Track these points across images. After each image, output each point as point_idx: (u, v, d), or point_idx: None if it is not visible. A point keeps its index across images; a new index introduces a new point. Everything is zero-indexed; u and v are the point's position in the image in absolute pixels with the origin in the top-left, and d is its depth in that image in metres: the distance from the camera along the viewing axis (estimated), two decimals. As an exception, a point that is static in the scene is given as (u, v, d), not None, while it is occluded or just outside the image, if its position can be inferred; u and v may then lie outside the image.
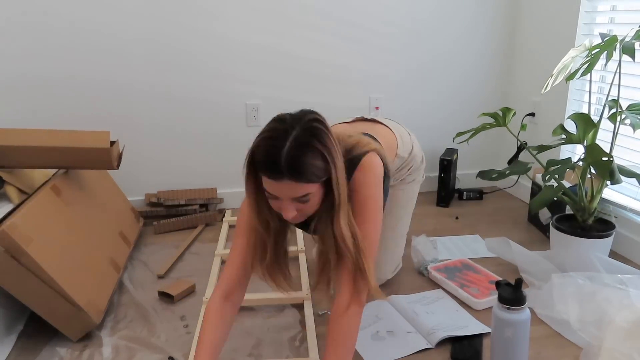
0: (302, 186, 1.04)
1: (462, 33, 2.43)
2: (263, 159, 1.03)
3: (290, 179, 1.02)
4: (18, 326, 1.47)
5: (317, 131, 1.05)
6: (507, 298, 1.19)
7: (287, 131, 1.03)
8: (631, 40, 1.54)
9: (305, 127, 1.04)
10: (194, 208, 2.22)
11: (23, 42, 2.01)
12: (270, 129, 1.06)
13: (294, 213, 1.08)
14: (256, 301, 1.58)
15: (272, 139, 1.03)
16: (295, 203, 1.08)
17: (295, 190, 1.04)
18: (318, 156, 1.04)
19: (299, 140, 1.02)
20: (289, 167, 1.00)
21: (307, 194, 1.06)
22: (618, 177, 1.57)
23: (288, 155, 1.00)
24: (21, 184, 1.62)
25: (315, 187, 1.07)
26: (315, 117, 1.08)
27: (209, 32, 2.17)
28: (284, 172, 1.01)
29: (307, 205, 1.09)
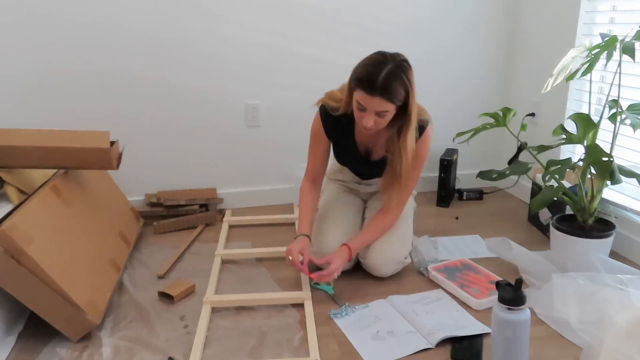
0: (386, 104, 1.44)
1: (462, 33, 2.43)
2: (365, 77, 1.43)
3: (380, 96, 1.42)
4: (18, 326, 1.47)
5: (406, 69, 1.45)
6: (507, 298, 1.19)
7: (385, 63, 1.43)
8: (631, 41, 1.54)
9: (398, 64, 1.44)
10: (194, 208, 2.22)
11: (23, 42, 2.01)
12: (373, 59, 1.47)
13: (372, 123, 1.48)
14: (256, 301, 1.58)
15: (374, 65, 1.44)
16: (375, 116, 1.47)
17: (381, 105, 1.44)
18: (402, 86, 1.44)
19: (392, 71, 1.42)
20: (382, 88, 1.41)
21: (387, 111, 1.46)
22: (618, 177, 1.57)
23: (383, 79, 1.41)
24: (21, 184, 1.62)
25: (392, 108, 1.46)
26: (405, 60, 1.48)
27: (209, 32, 2.17)
28: (377, 90, 1.41)
29: (382, 120, 1.49)
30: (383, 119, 1.48)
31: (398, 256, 1.70)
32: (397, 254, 1.70)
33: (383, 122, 1.50)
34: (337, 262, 1.59)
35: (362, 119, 1.49)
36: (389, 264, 1.69)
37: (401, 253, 1.71)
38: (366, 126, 1.48)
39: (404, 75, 1.44)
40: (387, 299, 1.61)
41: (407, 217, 1.83)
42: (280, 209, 2.36)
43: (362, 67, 1.46)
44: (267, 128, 2.35)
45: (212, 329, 1.47)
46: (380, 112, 1.45)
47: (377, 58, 1.46)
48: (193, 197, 2.24)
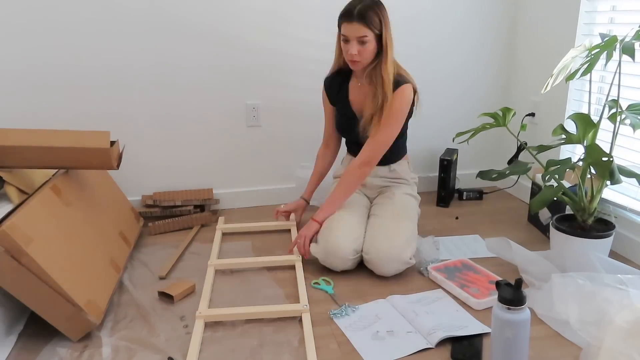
0: (364, 29, 1.68)
1: (462, 33, 2.43)
2: (344, 10, 1.71)
3: (357, 22, 1.68)
4: (18, 326, 1.47)
5: (379, 4, 1.73)
6: (507, 298, 1.19)
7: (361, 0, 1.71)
8: (631, 41, 1.54)
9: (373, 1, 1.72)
10: (189, 209, 2.22)
11: (23, 43, 2.01)
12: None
13: (355, 51, 1.70)
14: (254, 314, 1.49)
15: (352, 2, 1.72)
16: (358, 45, 1.70)
17: (360, 30, 1.68)
18: (377, 15, 1.70)
19: (367, 3, 1.70)
20: (359, 14, 1.67)
21: (366, 36, 1.69)
22: (618, 177, 1.57)
23: (360, 8, 1.68)
24: (21, 184, 1.62)
25: (371, 35, 1.70)
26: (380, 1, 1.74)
27: (208, 32, 2.17)
28: (355, 17, 1.68)
29: (365, 49, 1.71)
30: (365, 47, 1.70)
31: (402, 256, 1.68)
32: (401, 253, 1.68)
33: (366, 52, 1.71)
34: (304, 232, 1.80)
35: (347, 51, 1.72)
36: (393, 263, 1.68)
37: (406, 253, 1.69)
38: (351, 54, 1.71)
39: (377, 7, 1.70)
40: (387, 299, 1.61)
41: (412, 218, 1.84)
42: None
43: (344, 6, 1.72)
44: (267, 128, 2.35)
45: (212, 329, 1.47)
46: (360, 38, 1.68)
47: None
48: (188, 198, 2.24)
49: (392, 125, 1.79)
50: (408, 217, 1.81)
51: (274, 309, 1.50)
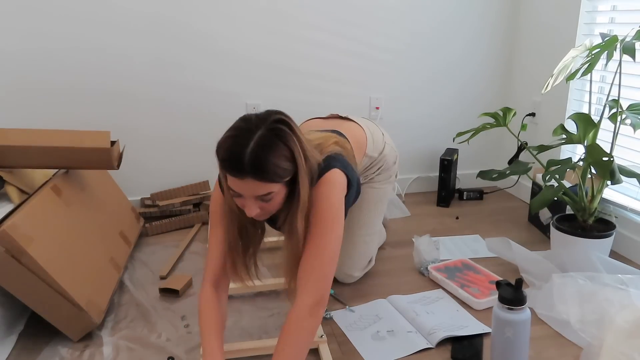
0: (264, 185, 1.07)
1: (462, 33, 2.43)
2: (227, 157, 1.06)
3: (253, 178, 1.05)
4: (19, 326, 1.47)
5: (282, 132, 1.08)
6: (508, 298, 1.19)
7: (251, 131, 1.06)
8: (631, 40, 1.54)
9: (270, 128, 1.07)
10: (188, 208, 2.22)
11: (23, 43, 2.01)
12: (235, 127, 1.09)
13: (257, 211, 1.12)
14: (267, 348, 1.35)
15: (236, 138, 1.07)
16: (258, 202, 1.11)
17: (258, 189, 1.08)
18: (281, 156, 1.07)
19: (262, 141, 1.05)
20: (252, 165, 1.04)
21: (270, 192, 1.09)
22: (618, 177, 1.57)
23: (251, 154, 1.04)
24: (21, 184, 1.62)
25: (278, 187, 1.10)
26: (280, 118, 1.10)
27: (209, 32, 2.17)
28: (247, 170, 1.04)
29: (270, 204, 1.13)
30: (270, 202, 1.12)
31: (357, 269, 1.68)
32: (356, 268, 1.68)
33: (272, 206, 1.14)
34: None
35: (244, 207, 1.13)
36: (347, 278, 1.68)
37: (360, 265, 1.68)
38: (251, 216, 1.13)
39: (280, 141, 1.07)
40: (387, 298, 1.61)
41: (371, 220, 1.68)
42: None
43: (224, 141, 1.08)
44: (267, 128, 2.35)
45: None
46: (261, 196, 1.10)
47: (240, 127, 1.09)
48: (186, 196, 2.24)
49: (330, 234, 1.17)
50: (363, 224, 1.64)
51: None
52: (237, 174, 1.06)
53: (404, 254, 1.88)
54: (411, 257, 1.84)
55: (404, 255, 1.88)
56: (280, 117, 1.10)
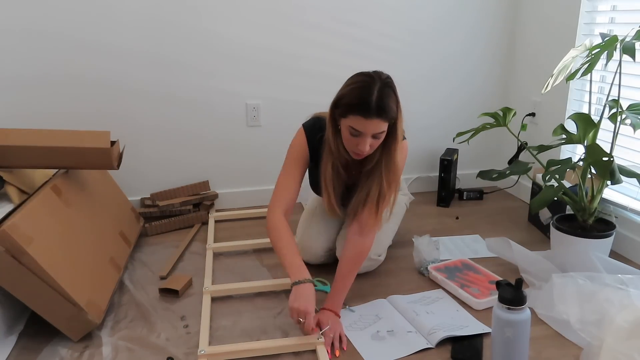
0: (383, 124, 1.37)
1: (462, 33, 2.43)
2: (357, 101, 1.34)
3: (378, 117, 1.34)
4: (19, 326, 1.47)
5: (393, 85, 1.40)
6: (508, 298, 1.19)
7: (373, 84, 1.35)
8: (631, 40, 1.54)
9: (385, 82, 1.38)
10: (188, 208, 2.22)
11: (23, 42, 2.01)
12: (360, 81, 1.38)
13: (367, 148, 1.39)
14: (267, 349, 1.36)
15: (363, 89, 1.35)
16: (371, 139, 1.38)
17: (378, 126, 1.36)
18: (394, 102, 1.38)
19: (383, 90, 1.35)
20: (378, 107, 1.33)
21: (382, 131, 1.39)
22: (618, 177, 1.57)
23: (377, 100, 1.33)
24: (21, 184, 1.62)
25: (386, 127, 1.39)
26: (388, 76, 1.41)
27: (209, 32, 2.17)
28: (374, 111, 1.33)
29: (377, 142, 1.41)
30: (378, 140, 1.41)
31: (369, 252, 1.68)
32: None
33: (377, 144, 1.43)
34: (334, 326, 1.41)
35: (357, 145, 1.39)
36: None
37: (372, 251, 1.68)
38: (362, 151, 1.40)
39: (393, 92, 1.39)
40: (387, 298, 1.61)
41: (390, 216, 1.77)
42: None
43: (351, 91, 1.37)
44: (267, 128, 2.35)
45: (213, 328, 1.47)
46: (376, 134, 1.38)
47: (364, 80, 1.38)
48: (186, 197, 2.24)
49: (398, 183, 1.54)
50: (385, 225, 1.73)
51: (287, 343, 1.37)
52: (366, 114, 1.33)
53: (404, 254, 1.88)
54: (411, 257, 1.83)
55: (404, 255, 1.88)
56: (388, 75, 1.41)
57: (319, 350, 1.34)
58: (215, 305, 1.58)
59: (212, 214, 2.26)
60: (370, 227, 1.52)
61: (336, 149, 1.49)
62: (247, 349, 1.35)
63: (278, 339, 1.39)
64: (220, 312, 1.55)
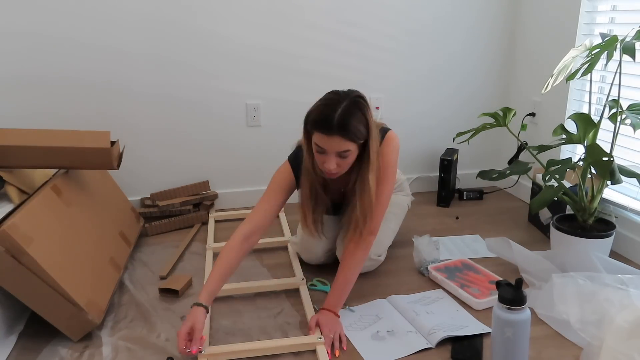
0: (346, 143, 1.37)
1: (462, 34, 2.43)
2: (320, 118, 1.37)
3: (339, 135, 1.35)
4: (19, 326, 1.47)
5: (361, 105, 1.40)
6: (508, 298, 1.19)
7: (339, 101, 1.37)
8: (631, 40, 1.54)
9: (353, 101, 1.39)
10: (188, 208, 2.22)
11: (23, 42, 2.01)
12: (326, 98, 1.41)
13: (334, 166, 1.40)
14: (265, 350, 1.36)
15: (327, 106, 1.38)
16: (337, 158, 1.39)
17: (340, 145, 1.37)
18: (360, 122, 1.38)
19: (347, 109, 1.36)
20: (339, 125, 1.34)
21: (348, 150, 1.38)
22: (618, 177, 1.57)
23: (339, 117, 1.34)
24: (21, 184, 1.62)
25: (354, 147, 1.39)
26: (360, 95, 1.42)
27: (209, 32, 2.17)
28: (335, 129, 1.34)
29: (345, 162, 1.41)
30: (345, 160, 1.40)
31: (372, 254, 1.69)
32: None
33: (346, 164, 1.42)
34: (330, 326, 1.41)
35: (323, 163, 1.41)
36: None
37: (372, 251, 1.68)
38: (329, 170, 1.40)
39: (360, 111, 1.38)
40: (387, 298, 1.61)
41: (390, 216, 1.80)
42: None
43: (317, 108, 1.40)
44: (267, 128, 2.35)
45: (213, 328, 1.47)
46: (341, 153, 1.38)
47: (331, 97, 1.40)
48: (186, 197, 2.24)
49: (389, 182, 1.54)
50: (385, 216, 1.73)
51: (287, 343, 1.37)
52: (327, 131, 1.35)
53: (404, 254, 1.88)
54: (411, 257, 1.83)
55: (404, 255, 1.88)
56: (360, 94, 1.42)
57: (319, 350, 1.34)
58: (215, 305, 1.58)
59: (212, 214, 2.26)
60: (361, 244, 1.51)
61: (311, 168, 1.50)
62: (247, 349, 1.35)
63: (278, 339, 1.39)
64: (220, 312, 1.55)
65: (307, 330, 1.44)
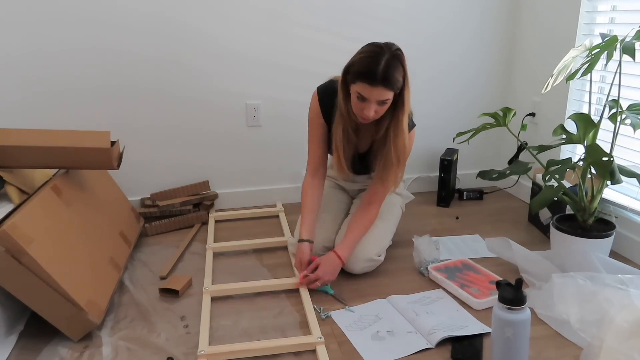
0: (387, 92, 1.48)
1: (461, 33, 2.43)
2: (364, 69, 1.46)
3: (382, 86, 1.45)
4: (19, 326, 1.47)
5: (401, 58, 1.50)
6: (508, 298, 1.19)
7: (382, 54, 1.47)
8: (631, 41, 1.54)
9: (394, 54, 1.48)
10: (188, 208, 2.22)
11: (23, 42, 2.01)
12: (368, 50, 1.50)
13: (372, 113, 1.51)
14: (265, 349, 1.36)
15: (371, 57, 1.46)
16: (376, 105, 1.50)
17: (383, 94, 1.47)
18: (401, 74, 1.49)
19: (390, 61, 1.46)
20: (383, 77, 1.45)
21: (387, 99, 1.50)
22: (618, 177, 1.57)
23: (383, 69, 1.44)
24: (22, 184, 1.62)
25: (392, 95, 1.50)
26: (399, 48, 1.51)
27: (209, 33, 2.17)
28: (379, 80, 1.44)
29: (382, 108, 1.52)
30: (383, 107, 1.52)
31: (368, 254, 1.71)
32: (366, 252, 1.71)
33: (382, 111, 1.54)
34: (324, 268, 1.61)
35: (363, 110, 1.52)
36: (358, 262, 1.70)
37: (371, 251, 1.71)
38: (367, 116, 1.52)
39: (400, 63, 1.49)
40: (387, 298, 1.61)
41: (388, 216, 1.85)
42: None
43: (360, 59, 1.49)
44: (267, 128, 2.35)
45: (213, 328, 1.47)
46: (381, 101, 1.50)
47: (373, 50, 1.49)
48: (186, 197, 2.24)
49: (403, 165, 1.68)
50: (381, 215, 1.80)
51: (287, 343, 1.37)
52: (372, 82, 1.45)
53: (404, 254, 1.88)
54: (411, 257, 1.83)
55: (404, 255, 1.88)
56: (398, 47, 1.51)
57: (319, 350, 1.34)
58: (215, 305, 1.58)
59: (212, 214, 2.26)
60: (379, 195, 1.69)
61: (346, 113, 1.60)
62: (247, 349, 1.35)
63: (278, 339, 1.39)
64: (220, 312, 1.55)
65: (306, 330, 1.44)
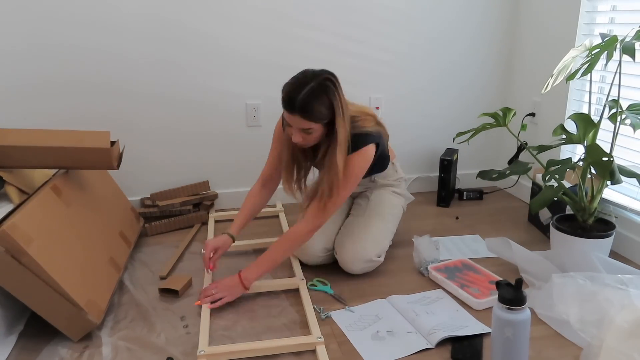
0: (307, 122, 1.47)
1: (462, 34, 2.43)
2: (285, 96, 1.47)
3: (300, 116, 1.45)
4: (18, 326, 1.47)
5: (327, 88, 1.47)
6: (508, 298, 1.19)
7: (306, 83, 1.45)
8: (631, 41, 1.54)
9: (320, 83, 1.46)
10: (188, 208, 2.22)
11: (23, 42, 2.01)
12: (296, 77, 1.50)
13: (300, 139, 1.51)
14: (264, 350, 1.36)
15: (293, 85, 1.47)
16: (302, 133, 1.50)
17: (302, 123, 1.47)
18: (323, 105, 1.46)
19: (312, 91, 1.44)
20: (300, 107, 1.44)
21: (310, 128, 1.48)
22: (618, 177, 1.57)
23: (301, 99, 1.43)
24: (21, 184, 1.62)
25: (317, 126, 1.49)
26: (329, 78, 1.48)
27: (209, 33, 2.17)
28: (296, 109, 1.44)
29: (310, 137, 1.52)
30: (310, 135, 1.51)
31: (367, 255, 1.70)
32: (366, 253, 1.70)
33: (313, 138, 1.53)
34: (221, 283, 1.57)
35: (290, 135, 1.54)
36: (357, 262, 1.71)
37: (371, 252, 1.71)
38: (296, 141, 1.53)
39: (326, 94, 1.46)
40: (387, 299, 1.61)
41: (389, 217, 1.84)
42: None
43: (286, 86, 1.50)
44: (267, 128, 2.35)
45: (213, 328, 1.47)
46: (304, 129, 1.49)
47: (300, 77, 1.49)
48: (186, 197, 2.24)
49: (347, 188, 1.59)
50: (381, 216, 1.81)
51: (287, 343, 1.37)
52: (290, 110, 1.46)
53: (404, 254, 1.89)
54: (411, 257, 1.84)
55: (404, 255, 1.88)
56: (329, 77, 1.49)
57: (319, 350, 1.34)
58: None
59: (212, 214, 2.26)
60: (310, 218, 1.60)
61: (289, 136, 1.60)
62: (247, 349, 1.35)
63: (278, 339, 1.39)
64: (220, 312, 1.55)
65: (306, 330, 1.44)
